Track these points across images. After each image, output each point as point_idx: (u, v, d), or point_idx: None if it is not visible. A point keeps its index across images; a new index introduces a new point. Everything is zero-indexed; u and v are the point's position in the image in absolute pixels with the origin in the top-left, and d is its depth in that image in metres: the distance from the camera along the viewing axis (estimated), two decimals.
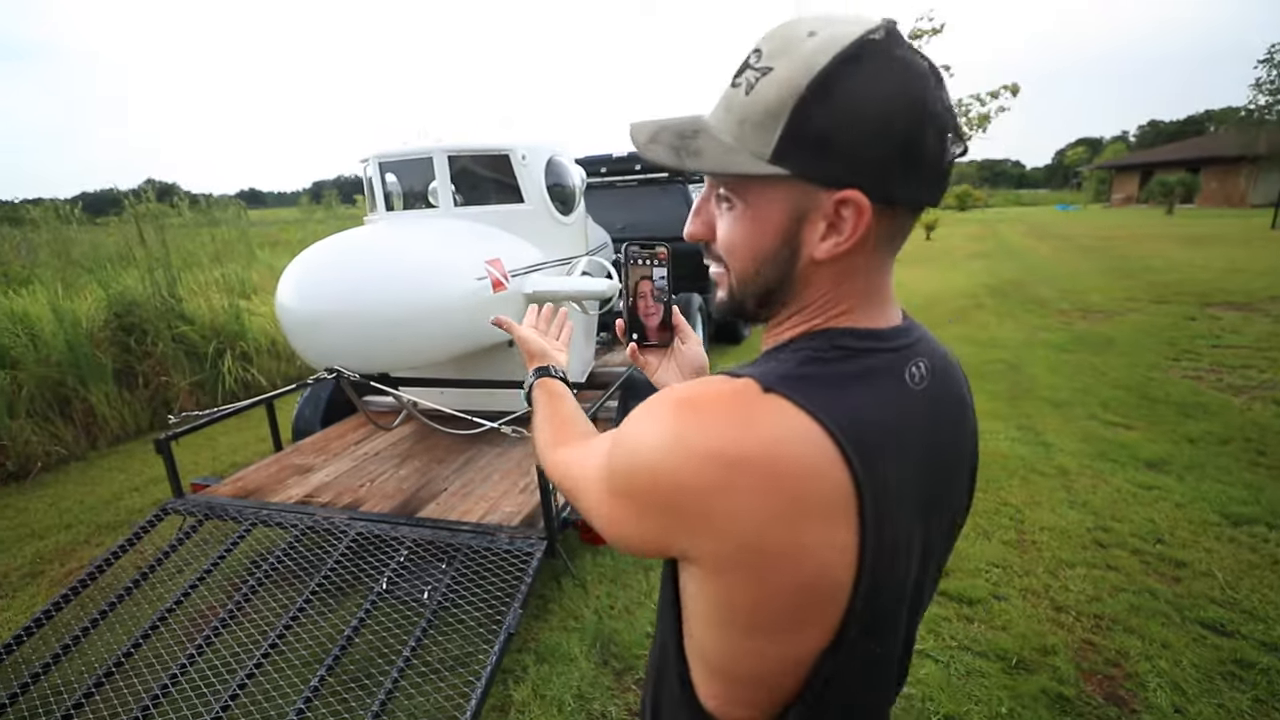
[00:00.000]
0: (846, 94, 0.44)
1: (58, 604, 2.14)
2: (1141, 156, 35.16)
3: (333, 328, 2.37)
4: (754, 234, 0.52)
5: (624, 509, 0.52)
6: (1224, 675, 1.95)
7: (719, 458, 0.45)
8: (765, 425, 0.45)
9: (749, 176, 0.49)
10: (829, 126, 0.45)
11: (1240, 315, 6.65)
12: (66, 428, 4.32)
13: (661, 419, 0.49)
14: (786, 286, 0.53)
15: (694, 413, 0.47)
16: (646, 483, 0.48)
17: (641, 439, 0.50)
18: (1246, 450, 3.46)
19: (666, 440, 0.47)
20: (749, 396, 0.47)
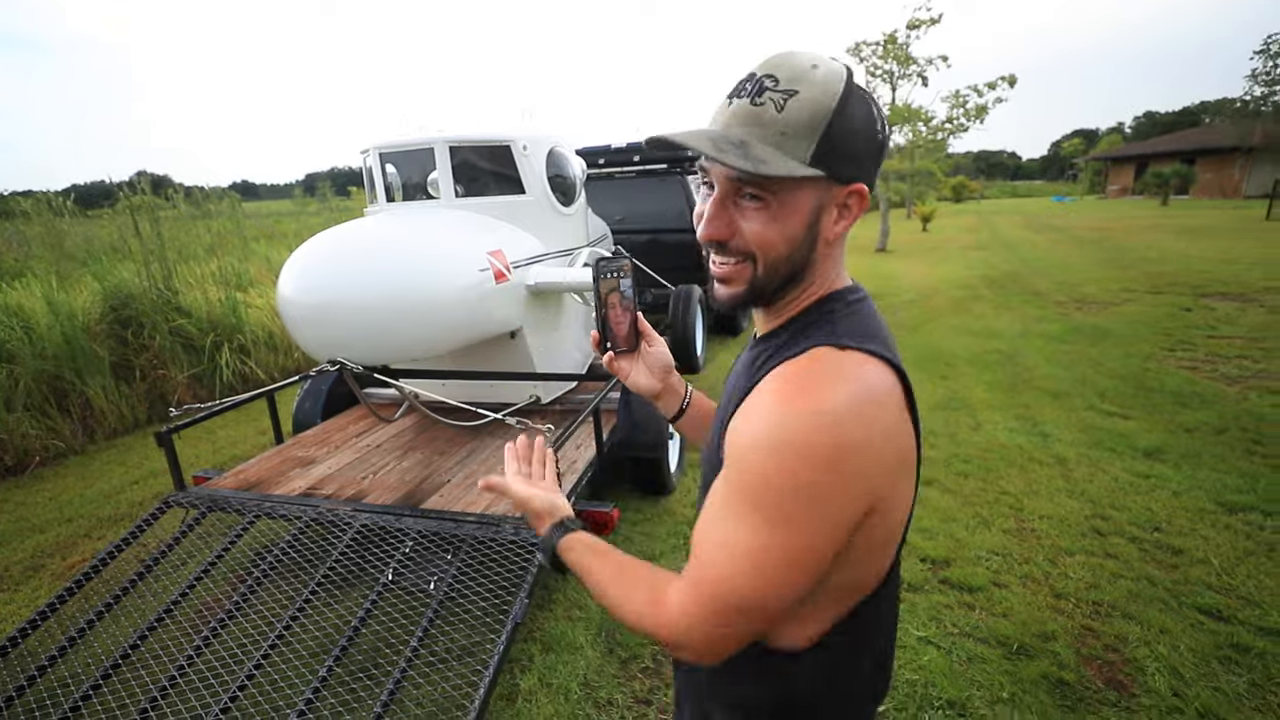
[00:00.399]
0: (852, 113, 0.60)
1: (61, 597, 2.13)
2: (1137, 148, 35.18)
3: (335, 319, 2.36)
4: (788, 225, 0.63)
5: (811, 516, 0.57)
6: (1220, 659, 1.98)
7: (862, 412, 0.57)
8: (867, 376, 0.59)
9: (790, 177, 0.60)
10: (845, 137, 0.60)
11: (1235, 306, 6.69)
12: (64, 421, 4.30)
13: (791, 408, 0.58)
14: (806, 266, 0.66)
15: (816, 392, 0.58)
16: (829, 458, 0.55)
17: (794, 435, 0.56)
18: (1242, 439, 3.49)
19: (811, 420, 0.56)
20: (839, 360, 0.61)
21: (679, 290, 4.75)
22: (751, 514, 0.58)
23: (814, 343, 0.62)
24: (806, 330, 0.65)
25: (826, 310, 0.67)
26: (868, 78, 13.02)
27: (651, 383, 0.88)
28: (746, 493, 0.58)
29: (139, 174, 6.44)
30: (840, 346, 0.61)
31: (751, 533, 0.57)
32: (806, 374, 0.60)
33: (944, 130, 13.18)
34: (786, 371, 0.61)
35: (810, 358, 0.61)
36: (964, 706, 1.87)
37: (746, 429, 0.60)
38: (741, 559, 0.58)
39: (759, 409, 0.60)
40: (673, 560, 2.68)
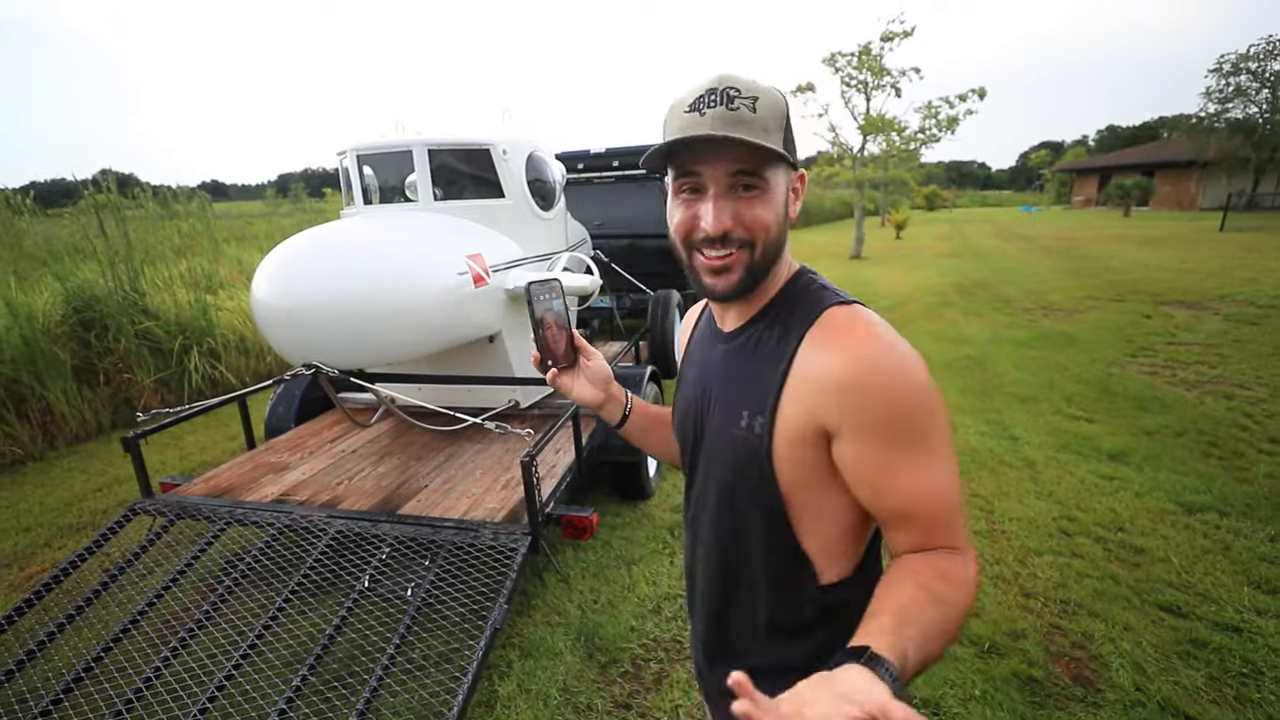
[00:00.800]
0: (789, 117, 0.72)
1: (20, 609, 2.06)
2: (1100, 160, 36.35)
3: (310, 322, 2.32)
4: (777, 207, 0.72)
5: (947, 429, 0.70)
6: (1180, 654, 2.06)
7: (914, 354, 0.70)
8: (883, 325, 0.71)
9: (776, 162, 0.70)
10: (791, 133, 0.73)
11: (1192, 314, 6.94)
12: (22, 427, 4.15)
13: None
14: (776, 248, 0.74)
15: (886, 335, 0.69)
16: (926, 374, 0.68)
17: (902, 369, 0.67)
18: (1199, 442, 3.63)
19: (903, 355, 0.68)
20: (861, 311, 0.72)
21: (658, 295, 4.76)
22: (926, 441, 0.67)
23: (827, 304, 0.72)
24: (803, 300, 0.74)
25: (806, 282, 0.77)
26: (843, 87, 13.26)
27: (594, 394, 0.92)
28: (909, 429, 0.66)
29: (103, 172, 6.26)
30: (848, 303, 0.73)
31: (934, 455, 0.67)
32: (864, 325, 0.69)
33: (917, 140, 13.46)
34: (839, 327, 0.70)
35: (847, 314, 0.71)
36: (938, 705, 1.91)
37: (863, 385, 0.66)
38: (947, 479, 0.68)
39: (859, 366, 0.66)
40: (652, 564, 2.69)
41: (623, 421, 0.98)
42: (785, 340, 0.72)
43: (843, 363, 0.66)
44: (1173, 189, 27.89)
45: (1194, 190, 27.00)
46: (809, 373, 0.69)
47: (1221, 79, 24.84)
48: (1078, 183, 35.91)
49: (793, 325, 0.72)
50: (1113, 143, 61.89)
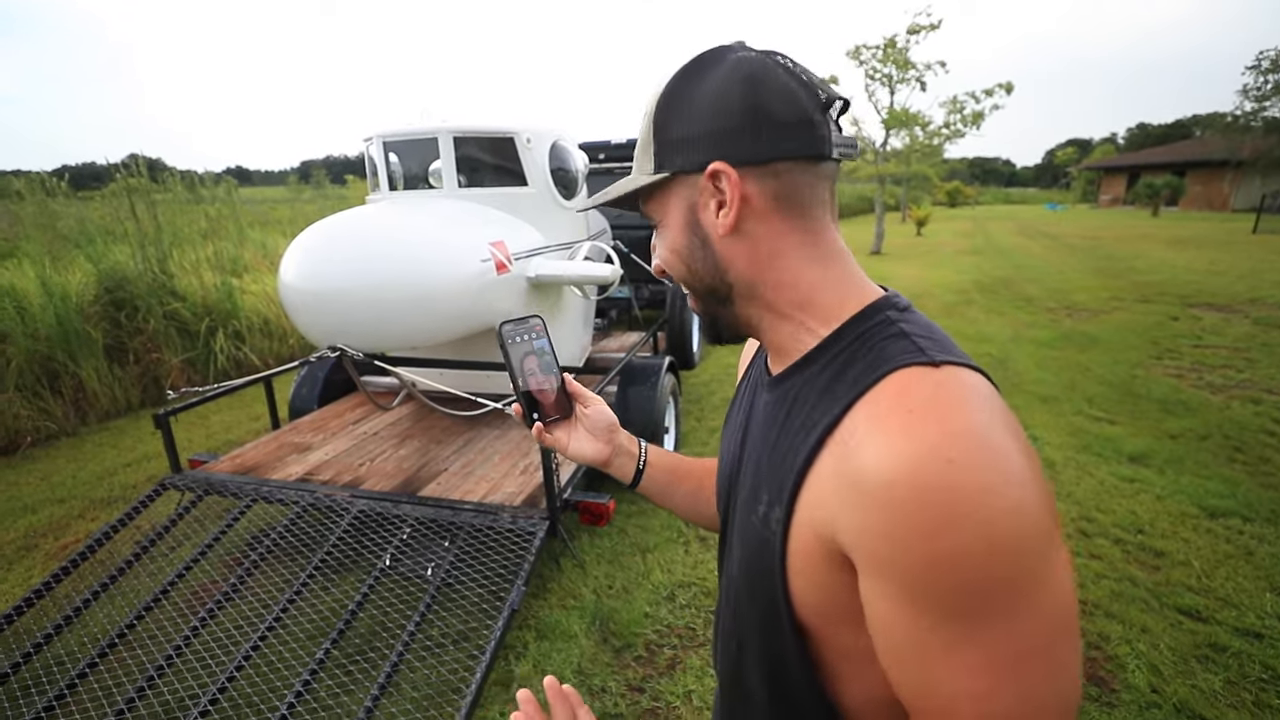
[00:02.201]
0: (687, 99, 0.53)
1: (57, 576, 2.14)
2: (1129, 158, 35.53)
3: (336, 306, 2.37)
4: (671, 239, 0.58)
5: (1040, 579, 0.41)
6: (1199, 658, 2.04)
7: (1017, 437, 0.44)
8: (988, 393, 0.45)
9: (646, 193, 0.58)
10: (681, 125, 0.53)
11: (1221, 316, 6.80)
12: (56, 403, 4.28)
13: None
14: (723, 280, 0.56)
15: (963, 431, 0.42)
16: (1020, 507, 0.40)
17: (970, 498, 0.40)
18: (1224, 447, 3.57)
19: (981, 472, 0.40)
20: (948, 381, 0.46)
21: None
22: (968, 623, 0.41)
23: (897, 362, 0.46)
24: (866, 351, 0.50)
25: (881, 324, 0.51)
26: (866, 80, 13.10)
27: (597, 447, 0.74)
28: (949, 602, 0.41)
29: (133, 156, 6.38)
30: (937, 364, 0.46)
31: (978, 645, 0.41)
32: (947, 409, 0.43)
33: (940, 135, 13.28)
34: (903, 403, 0.44)
35: (926, 384, 0.45)
36: None
37: (898, 522, 0.41)
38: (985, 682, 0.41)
39: (887, 482, 0.41)
40: (667, 552, 2.71)
41: (638, 478, 0.78)
42: (825, 405, 0.49)
43: (881, 465, 0.42)
44: (1204, 189, 27.20)
45: (1227, 190, 26.31)
46: (840, 463, 0.46)
47: (1260, 76, 24.09)
48: (1105, 181, 35.14)
49: (840, 387, 0.49)
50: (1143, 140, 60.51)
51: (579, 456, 0.73)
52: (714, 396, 4.65)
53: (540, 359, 0.71)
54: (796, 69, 0.52)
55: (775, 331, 0.57)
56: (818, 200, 0.54)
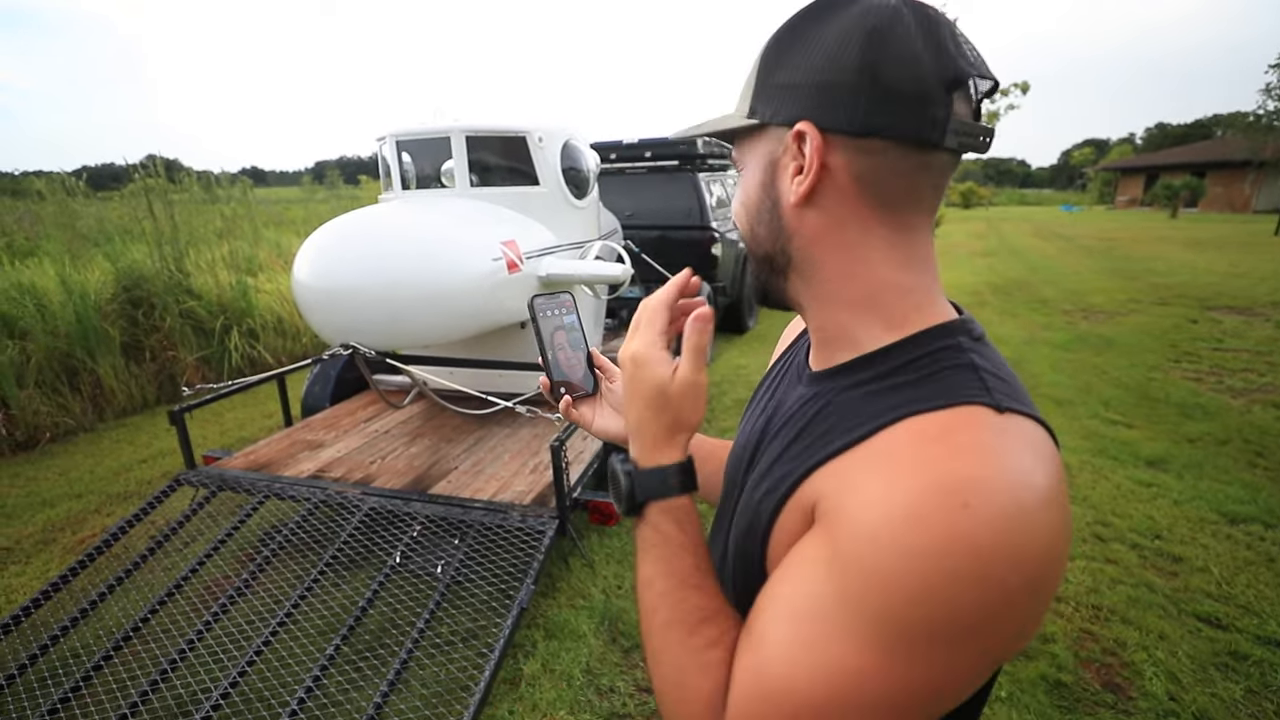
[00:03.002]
0: (802, 41, 0.47)
1: (74, 569, 2.17)
2: (1147, 159, 35.08)
3: (349, 304, 2.38)
4: (745, 190, 0.53)
5: (954, 655, 0.39)
6: (1218, 666, 2.00)
7: (1051, 515, 0.40)
8: (1047, 456, 0.41)
9: (737, 134, 0.53)
10: (787, 70, 0.47)
11: (1241, 319, 6.69)
12: (74, 399, 4.34)
13: None
14: (783, 250, 0.51)
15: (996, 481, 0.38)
16: (1007, 586, 0.37)
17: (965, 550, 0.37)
18: (1245, 451, 3.50)
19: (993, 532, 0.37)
20: (1009, 432, 0.42)
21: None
22: (866, 633, 0.39)
23: (957, 398, 0.43)
24: (930, 376, 0.45)
25: (951, 350, 0.47)
26: None
27: (621, 425, 0.69)
28: (868, 605, 0.39)
29: (150, 157, 6.48)
30: (999, 408, 0.42)
31: (863, 659, 0.40)
32: (972, 449, 0.40)
33: None
34: (933, 436, 0.41)
35: (962, 421, 0.42)
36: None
37: (880, 513, 0.40)
38: (835, 690, 0.40)
39: (902, 488, 0.39)
40: None
41: None
42: (869, 413, 0.46)
43: (900, 478, 0.40)
44: (1224, 190, 26.78)
45: (1248, 192, 25.89)
46: (861, 460, 0.44)
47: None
48: (1122, 182, 34.70)
49: (891, 400, 0.45)
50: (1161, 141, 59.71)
51: (603, 432, 0.70)
52: (725, 398, 4.64)
53: (569, 335, 0.70)
54: (939, 32, 0.44)
55: (826, 323, 0.52)
56: (912, 193, 0.47)
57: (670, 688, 0.49)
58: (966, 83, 0.45)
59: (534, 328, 0.68)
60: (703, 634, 0.48)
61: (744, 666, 0.45)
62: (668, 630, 0.49)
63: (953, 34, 0.45)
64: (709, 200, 5.76)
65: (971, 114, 0.46)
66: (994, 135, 0.47)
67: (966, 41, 0.46)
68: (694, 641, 0.48)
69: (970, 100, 0.46)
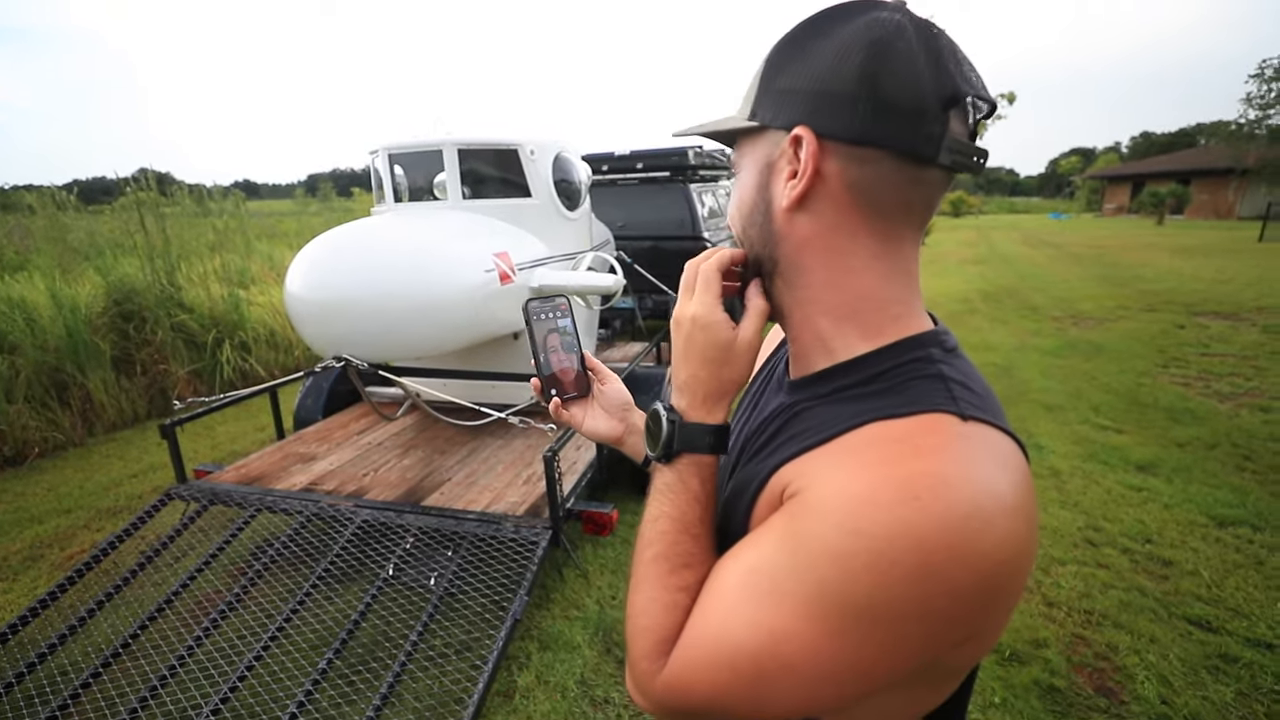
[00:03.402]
0: (806, 49, 0.47)
1: (62, 586, 2.15)
2: (1133, 167, 35.52)
3: (341, 316, 2.39)
4: (740, 190, 0.54)
5: (893, 637, 0.41)
6: (1209, 669, 2.01)
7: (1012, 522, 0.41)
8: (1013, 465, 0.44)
9: (737, 136, 0.54)
10: (788, 76, 0.48)
11: (1228, 324, 6.76)
12: (64, 414, 4.30)
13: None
14: (770, 254, 0.52)
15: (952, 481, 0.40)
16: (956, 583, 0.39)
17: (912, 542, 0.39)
18: (1233, 455, 3.54)
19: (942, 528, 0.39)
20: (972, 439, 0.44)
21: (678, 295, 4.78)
22: (805, 602, 0.42)
23: (924, 406, 0.44)
24: (899, 385, 0.47)
25: (921, 361, 0.48)
26: None
27: (611, 425, 0.73)
28: (810, 576, 0.42)
29: (142, 170, 6.48)
30: (963, 416, 0.43)
31: (800, 625, 0.42)
32: (932, 451, 0.41)
33: None
34: (896, 437, 0.43)
35: (925, 426, 0.43)
36: None
37: (837, 494, 0.42)
38: (770, 648, 0.43)
39: (860, 477, 0.42)
40: None
41: (649, 458, 0.74)
42: (836, 418, 0.48)
43: (863, 471, 0.42)
44: (1210, 197, 27.13)
45: (1232, 199, 26.23)
46: (829, 456, 0.46)
47: (1263, 84, 24.10)
48: (1109, 190, 35.12)
49: (859, 407, 0.47)
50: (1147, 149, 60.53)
51: (593, 433, 0.73)
52: None
53: (563, 337, 0.72)
54: (941, 50, 0.45)
55: (805, 329, 0.53)
56: (903, 206, 0.48)
57: (637, 614, 0.52)
58: (963, 102, 0.45)
59: (528, 329, 0.70)
60: (682, 576, 0.51)
61: (695, 614, 0.49)
62: (654, 564, 0.52)
63: (954, 53, 0.46)
64: (701, 211, 5.80)
65: (968, 134, 0.47)
66: (988, 156, 0.48)
67: (967, 61, 0.47)
68: (672, 580, 0.51)
69: (967, 120, 0.47)
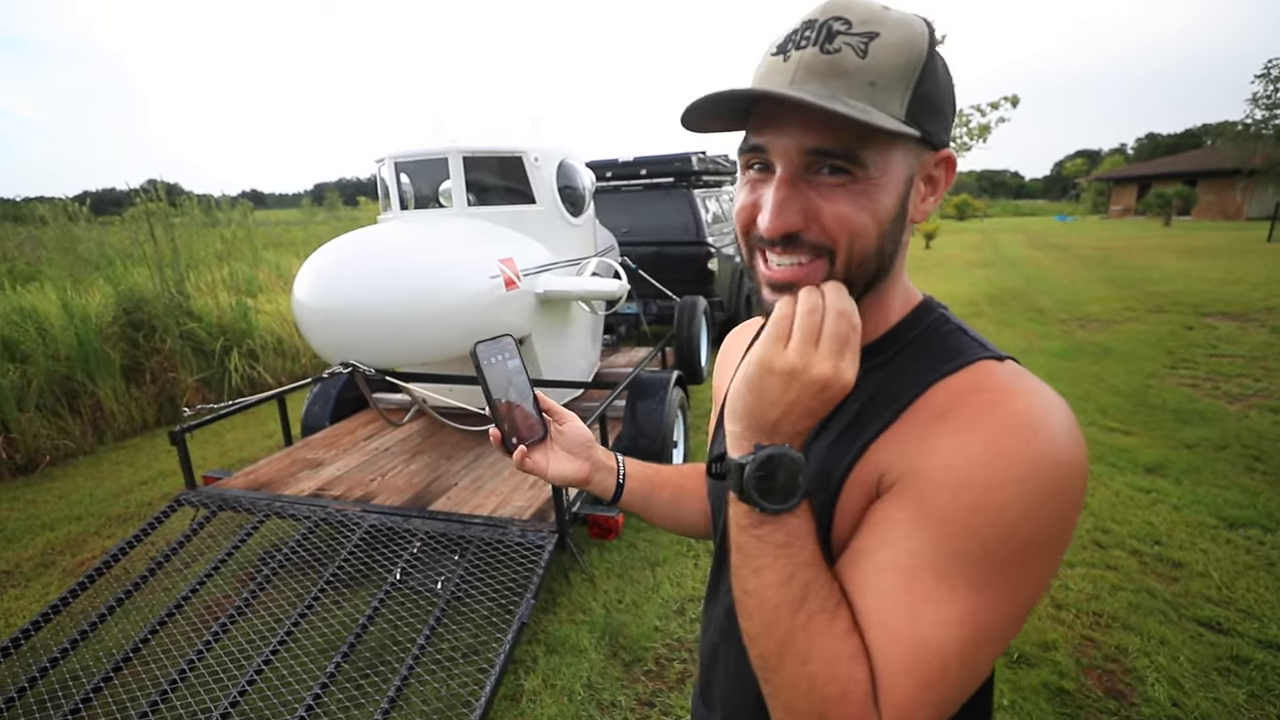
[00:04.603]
0: (938, 64, 0.50)
1: (74, 591, 2.17)
2: (1139, 169, 35.40)
3: (349, 323, 2.41)
4: (881, 203, 0.49)
5: (1046, 561, 0.46)
6: (1220, 671, 2.00)
7: (1075, 428, 0.48)
8: (1050, 389, 0.50)
9: (888, 139, 0.48)
10: (937, 90, 0.50)
11: (1236, 325, 6.72)
12: (75, 422, 4.35)
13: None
14: (892, 256, 0.53)
15: (1038, 412, 0.47)
16: (1069, 486, 0.45)
17: (1044, 467, 0.44)
18: (1243, 456, 3.51)
19: (1055, 448, 0.45)
20: (1019, 374, 0.51)
21: (684, 301, 4.79)
22: (976, 571, 0.44)
23: (968, 357, 0.51)
24: (934, 345, 0.54)
25: (938, 320, 0.57)
26: None
27: (576, 466, 0.71)
28: (973, 545, 0.44)
29: (151, 181, 6.55)
30: (999, 358, 0.52)
31: (980, 597, 0.44)
32: (1009, 391, 0.48)
33: None
34: (971, 388, 0.49)
35: (984, 373, 0.50)
36: None
37: (964, 459, 0.45)
38: (967, 633, 0.44)
39: (973, 433, 0.46)
40: (676, 566, 2.70)
41: (619, 492, 0.76)
42: (901, 385, 0.52)
43: (974, 425, 0.47)
44: (1217, 198, 27.00)
45: (1239, 199, 26.09)
46: (919, 428, 0.49)
47: (1269, 84, 24.02)
48: (1115, 192, 34.99)
49: (917, 370, 0.52)
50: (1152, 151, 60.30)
51: (559, 478, 0.70)
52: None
53: (514, 379, 0.68)
54: None
55: (871, 318, 0.56)
56: None
57: (822, 684, 0.45)
58: None
59: (479, 374, 0.65)
60: (842, 618, 0.47)
61: (878, 644, 0.46)
62: (811, 621, 0.46)
63: None
64: (705, 216, 5.82)
65: None
66: None
67: None
68: (837, 627, 0.46)
69: None
